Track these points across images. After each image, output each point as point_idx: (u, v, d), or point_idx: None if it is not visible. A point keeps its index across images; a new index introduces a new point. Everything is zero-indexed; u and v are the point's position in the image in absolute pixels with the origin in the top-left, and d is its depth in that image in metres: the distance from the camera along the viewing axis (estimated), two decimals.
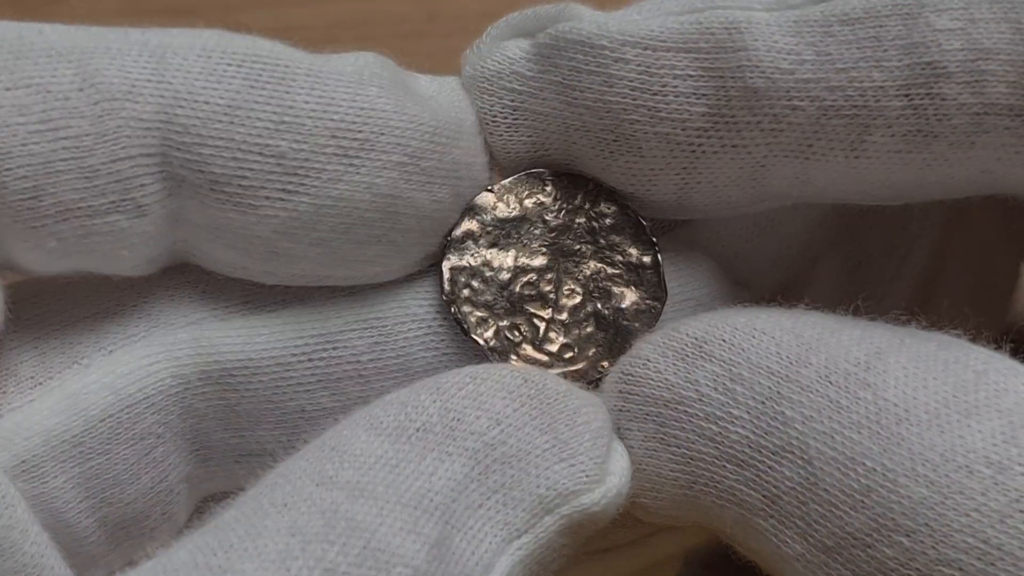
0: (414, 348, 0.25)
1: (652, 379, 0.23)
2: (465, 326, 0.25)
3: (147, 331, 0.25)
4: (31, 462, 0.23)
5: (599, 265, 0.25)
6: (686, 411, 0.23)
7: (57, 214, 0.22)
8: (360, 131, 0.23)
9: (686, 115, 0.23)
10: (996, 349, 0.22)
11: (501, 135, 0.25)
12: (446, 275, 0.25)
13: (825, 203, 0.27)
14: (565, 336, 0.25)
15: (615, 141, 0.24)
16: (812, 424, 0.21)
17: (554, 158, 0.25)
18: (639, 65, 0.23)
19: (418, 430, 0.21)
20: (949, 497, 0.19)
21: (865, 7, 0.23)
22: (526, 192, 0.25)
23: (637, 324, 0.25)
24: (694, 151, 0.24)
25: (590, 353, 0.25)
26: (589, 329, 0.25)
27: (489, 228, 0.25)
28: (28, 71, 0.22)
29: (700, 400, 0.22)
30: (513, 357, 0.25)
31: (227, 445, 0.25)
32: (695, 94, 0.23)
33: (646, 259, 0.25)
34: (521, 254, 0.25)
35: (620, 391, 0.24)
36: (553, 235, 0.25)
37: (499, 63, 0.25)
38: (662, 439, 0.23)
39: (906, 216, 0.29)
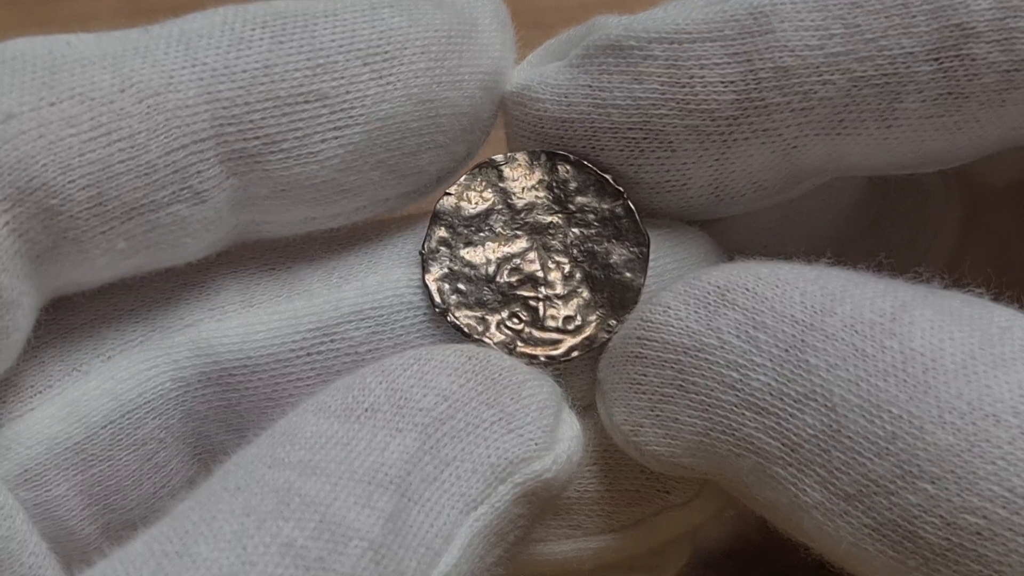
0: (411, 336, 0.25)
1: (673, 326, 0.23)
2: (465, 331, 0.25)
3: (145, 335, 0.25)
4: (34, 471, 0.24)
5: (575, 230, 0.25)
6: (707, 358, 0.23)
7: (123, 215, 0.23)
8: (386, 50, 0.24)
9: (715, 104, 0.24)
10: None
11: (528, 146, 0.26)
12: (432, 288, 0.25)
13: (852, 196, 0.27)
14: (565, 308, 0.25)
15: (645, 139, 0.24)
16: (837, 372, 0.21)
17: None
18: (667, 60, 0.24)
19: (367, 410, 0.22)
20: (976, 445, 0.19)
21: None
22: (483, 184, 0.25)
23: (629, 274, 0.25)
24: (725, 140, 0.24)
25: (593, 317, 0.25)
26: (586, 294, 0.25)
27: (459, 229, 0.25)
28: (67, 83, 0.22)
29: (722, 347, 0.22)
30: (520, 344, 0.25)
31: (228, 446, 0.25)
32: (723, 82, 0.23)
33: (618, 210, 0.25)
34: (498, 243, 0.25)
35: (639, 337, 0.24)
36: (523, 215, 0.25)
37: (529, 77, 0.25)
38: (680, 385, 0.23)
39: (927, 210, 0.29)
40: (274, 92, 0.23)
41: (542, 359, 0.25)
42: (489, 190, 0.25)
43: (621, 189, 0.25)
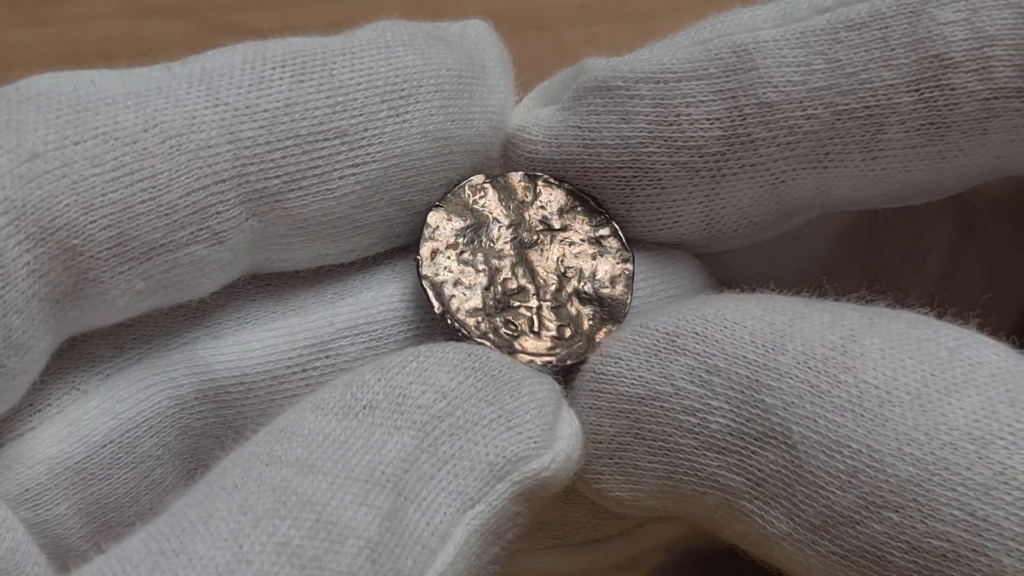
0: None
1: (625, 377, 0.23)
2: (465, 332, 0.25)
3: (142, 353, 0.25)
4: (34, 491, 0.24)
5: (561, 249, 0.26)
6: (662, 406, 0.23)
7: (141, 255, 0.23)
8: (403, 88, 0.24)
9: (702, 141, 0.24)
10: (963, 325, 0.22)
11: None
12: (430, 292, 0.25)
13: (845, 216, 0.27)
14: (557, 319, 0.25)
15: (635, 177, 0.25)
16: (794, 410, 0.21)
17: None
18: (653, 99, 0.24)
19: (364, 407, 0.22)
20: (936, 474, 0.20)
21: (870, 11, 0.24)
22: (471, 198, 0.26)
23: (617, 291, 0.26)
24: (714, 176, 0.24)
25: (586, 327, 0.25)
26: (575, 308, 0.25)
27: (452, 241, 0.25)
28: (92, 122, 0.22)
29: (677, 394, 0.23)
30: (518, 347, 0.25)
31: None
32: (709, 119, 0.24)
33: (603, 230, 0.26)
34: (489, 256, 0.26)
35: (592, 390, 0.24)
36: (511, 231, 0.26)
37: (525, 119, 0.26)
38: (637, 433, 0.23)
39: (920, 227, 0.29)
40: (295, 131, 0.23)
41: (538, 364, 0.25)
42: (477, 206, 0.26)
43: (604, 209, 0.26)
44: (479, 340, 0.25)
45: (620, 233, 0.26)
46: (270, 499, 0.20)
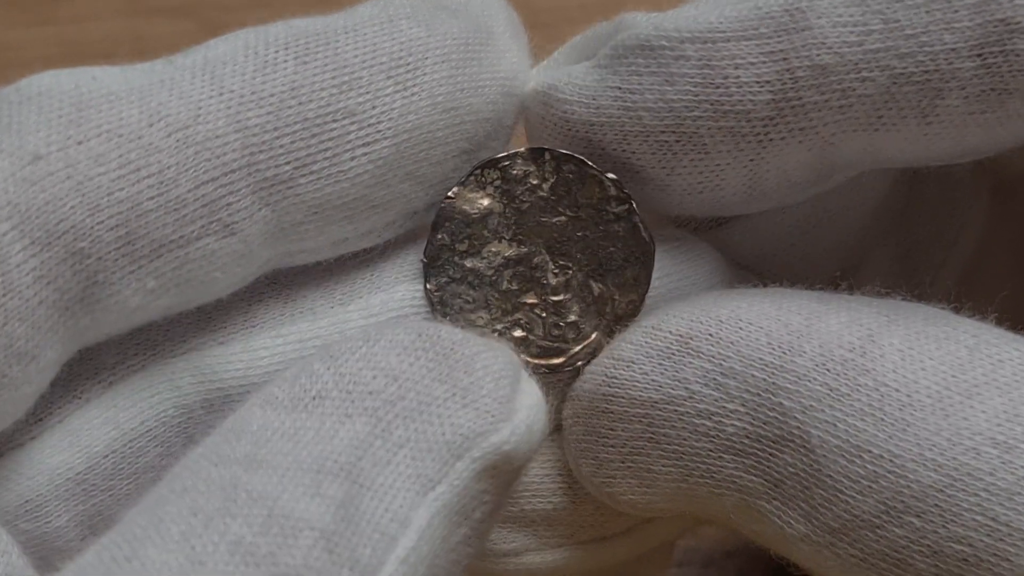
0: None
1: (638, 381, 0.23)
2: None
3: (147, 360, 0.24)
4: (35, 502, 0.23)
5: (579, 233, 0.25)
6: (676, 410, 0.22)
7: (151, 253, 0.22)
8: (408, 61, 0.24)
9: (750, 105, 0.23)
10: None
11: (556, 148, 0.25)
12: (435, 297, 0.25)
13: (881, 190, 0.26)
14: (568, 315, 0.25)
15: (677, 141, 0.24)
16: (812, 413, 0.21)
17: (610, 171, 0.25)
18: (700, 60, 0.23)
19: (314, 398, 0.21)
20: (958, 479, 0.20)
21: None
22: (486, 185, 0.25)
23: (633, 281, 0.25)
24: (760, 141, 0.23)
25: (597, 324, 0.25)
26: (589, 300, 0.25)
27: (461, 234, 0.25)
28: (95, 120, 0.22)
29: (691, 398, 0.22)
30: (523, 353, 0.25)
31: None
32: (758, 82, 0.23)
33: (623, 214, 0.25)
34: (501, 247, 0.25)
35: (604, 394, 0.24)
36: (525, 217, 0.25)
37: (556, 77, 0.25)
38: (651, 438, 0.23)
39: (953, 204, 0.29)
40: (302, 114, 0.23)
41: (544, 369, 0.25)
42: (491, 191, 0.25)
43: (627, 193, 0.25)
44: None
45: (641, 219, 0.25)
46: (220, 498, 0.20)
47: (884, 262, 0.28)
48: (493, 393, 0.22)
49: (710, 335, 0.22)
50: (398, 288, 0.25)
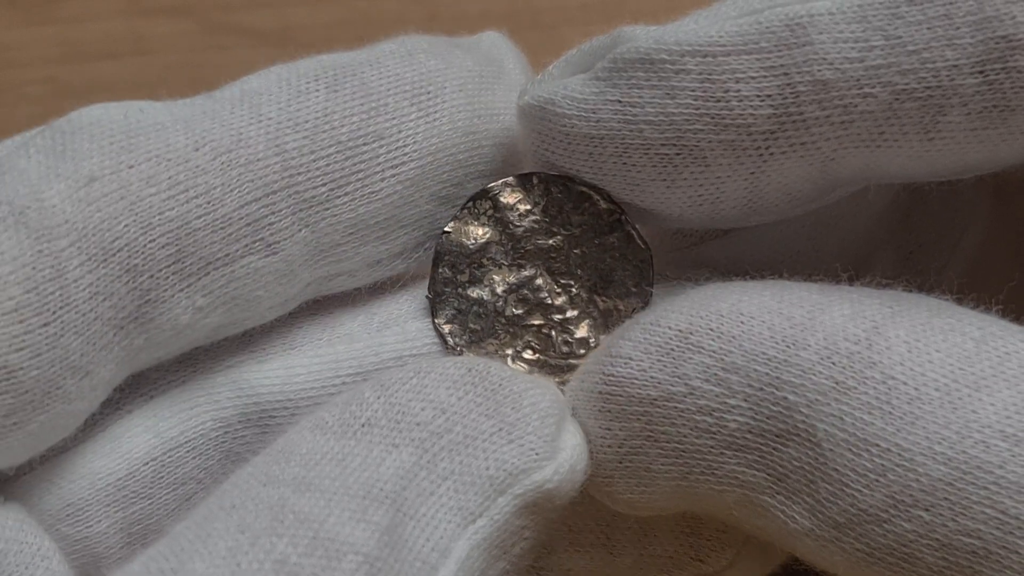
0: None
1: (637, 378, 0.23)
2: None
3: (187, 376, 0.25)
4: (76, 505, 0.24)
5: (577, 250, 0.25)
6: (676, 407, 0.23)
7: (200, 270, 0.24)
8: (429, 89, 0.25)
9: (751, 119, 0.23)
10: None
11: (556, 162, 0.25)
12: (444, 330, 0.25)
13: (886, 196, 0.27)
14: (577, 331, 0.25)
15: (678, 155, 0.24)
16: (819, 407, 0.21)
17: (610, 184, 0.25)
18: (700, 74, 0.23)
19: (363, 425, 0.22)
20: (968, 473, 0.20)
21: None
22: (480, 216, 0.26)
23: (635, 288, 0.25)
24: (761, 155, 0.23)
25: (605, 337, 0.25)
26: (595, 314, 0.25)
27: (462, 266, 0.26)
28: (144, 146, 0.23)
29: (691, 394, 0.22)
30: (538, 372, 0.25)
31: None
32: (759, 96, 0.23)
33: (616, 224, 0.25)
34: (503, 275, 0.26)
35: (601, 392, 0.24)
36: (523, 242, 0.26)
37: (553, 91, 0.25)
38: (649, 436, 0.23)
39: (956, 206, 0.29)
40: (336, 137, 0.24)
41: (560, 386, 0.25)
42: (487, 221, 0.26)
43: (617, 204, 0.25)
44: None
45: (635, 227, 0.25)
46: (267, 517, 0.20)
47: (887, 265, 0.28)
48: (539, 431, 0.22)
49: (711, 329, 0.22)
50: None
